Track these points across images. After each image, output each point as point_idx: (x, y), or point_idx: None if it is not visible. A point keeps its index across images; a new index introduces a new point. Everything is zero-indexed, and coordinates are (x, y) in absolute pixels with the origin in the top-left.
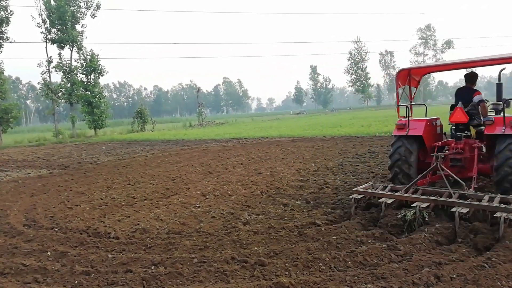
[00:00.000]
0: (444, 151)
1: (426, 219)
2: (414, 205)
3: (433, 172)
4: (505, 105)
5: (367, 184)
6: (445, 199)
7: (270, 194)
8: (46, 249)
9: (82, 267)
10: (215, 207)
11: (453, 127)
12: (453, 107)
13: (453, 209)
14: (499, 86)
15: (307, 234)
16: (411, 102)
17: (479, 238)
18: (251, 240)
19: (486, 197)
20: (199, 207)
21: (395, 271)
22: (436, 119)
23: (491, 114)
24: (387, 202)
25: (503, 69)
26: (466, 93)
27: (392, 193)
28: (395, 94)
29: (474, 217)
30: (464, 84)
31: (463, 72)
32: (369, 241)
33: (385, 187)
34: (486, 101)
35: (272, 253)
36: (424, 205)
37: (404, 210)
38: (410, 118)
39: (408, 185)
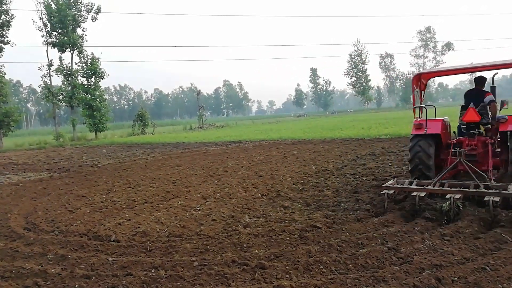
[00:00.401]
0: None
1: (461, 208)
2: (447, 196)
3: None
4: (502, 105)
5: (392, 181)
6: (476, 190)
7: (271, 197)
8: (47, 253)
9: (83, 271)
10: (215, 210)
11: (463, 125)
12: (463, 107)
13: (486, 198)
14: (493, 89)
15: (307, 236)
16: (421, 104)
17: None
18: (251, 243)
19: (510, 186)
20: (199, 210)
21: (396, 273)
22: (446, 119)
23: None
24: (420, 195)
25: (496, 73)
26: (476, 94)
27: (422, 187)
28: (395, 97)
29: (502, 204)
30: (474, 87)
31: (464, 75)
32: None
33: (411, 182)
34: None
35: (272, 256)
36: (458, 196)
37: (440, 201)
38: (427, 118)
39: (436, 179)
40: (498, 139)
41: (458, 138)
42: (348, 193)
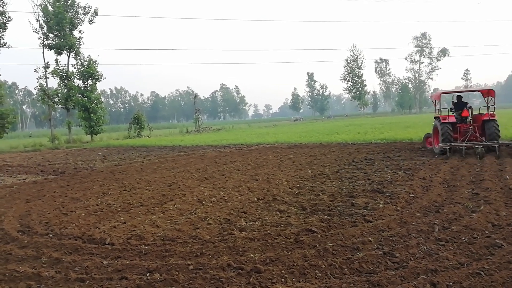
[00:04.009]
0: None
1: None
2: (477, 146)
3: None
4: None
5: (441, 144)
6: (487, 143)
7: (267, 201)
8: (41, 256)
9: (77, 274)
10: (211, 214)
11: (459, 118)
12: (452, 110)
13: (494, 145)
14: (466, 103)
15: (303, 241)
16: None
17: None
18: (247, 247)
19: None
20: (195, 213)
21: (391, 278)
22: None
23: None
24: (463, 147)
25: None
26: (460, 103)
27: (464, 144)
28: (391, 102)
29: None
30: (457, 99)
31: (459, 80)
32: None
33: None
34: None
35: (268, 260)
36: (479, 146)
37: (475, 149)
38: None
39: (465, 142)
40: (475, 125)
41: (459, 124)
42: (344, 198)
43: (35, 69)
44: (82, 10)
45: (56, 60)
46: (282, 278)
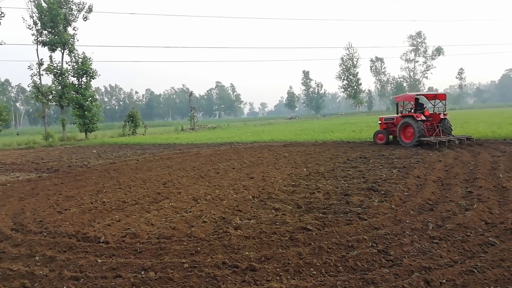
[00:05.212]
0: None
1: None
2: (443, 139)
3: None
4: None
5: (427, 138)
6: (447, 138)
7: (262, 199)
8: (34, 254)
9: (71, 272)
10: (206, 212)
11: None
12: (412, 110)
13: (451, 139)
14: (416, 99)
15: (298, 239)
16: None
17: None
18: (242, 245)
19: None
20: (190, 211)
21: (386, 276)
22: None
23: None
24: (434, 141)
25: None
26: (419, 104)
27: (432, 139)
28: (386, 100)
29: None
30: (415, 101)
31: (453, 79)
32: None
33: (429, 139)
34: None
35: (263, 258)
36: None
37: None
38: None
39: (434, 137)
40: (434, 122)
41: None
42: (338, 196)
43: (28, 66)
44: (76, 6)
45: (50, 57)
46: (277, 276)
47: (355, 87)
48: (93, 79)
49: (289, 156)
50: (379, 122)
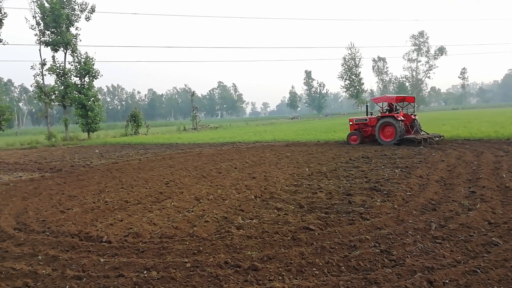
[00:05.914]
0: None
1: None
2: (424, 137)
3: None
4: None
5: (412, 136)
6: (428, 136)
7: (264, 199)
8: (37, 253)
9: (74, 272)
10: (208, 211)
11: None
12: (388, 111)
13: (430, 136)
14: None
15: (300, 238)
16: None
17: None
18: (244, 245)
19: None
20: (192, 211)
21: (388, 276)
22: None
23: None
24: (419, 138)
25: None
26: (393, 107)
27: (417, 137)
28: None
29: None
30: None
31: (456, 79)
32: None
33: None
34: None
35: (265, 257)
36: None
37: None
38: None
39: (416, 135)
40: (406, 123)
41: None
42: (341, 195)
43: (31, 66)
44: (78, 6)
45: (53, 57)
46: (280, 276)
47: (357, 87)
48: (95, 79)
49: (291, 156)
50: (350, 123)
